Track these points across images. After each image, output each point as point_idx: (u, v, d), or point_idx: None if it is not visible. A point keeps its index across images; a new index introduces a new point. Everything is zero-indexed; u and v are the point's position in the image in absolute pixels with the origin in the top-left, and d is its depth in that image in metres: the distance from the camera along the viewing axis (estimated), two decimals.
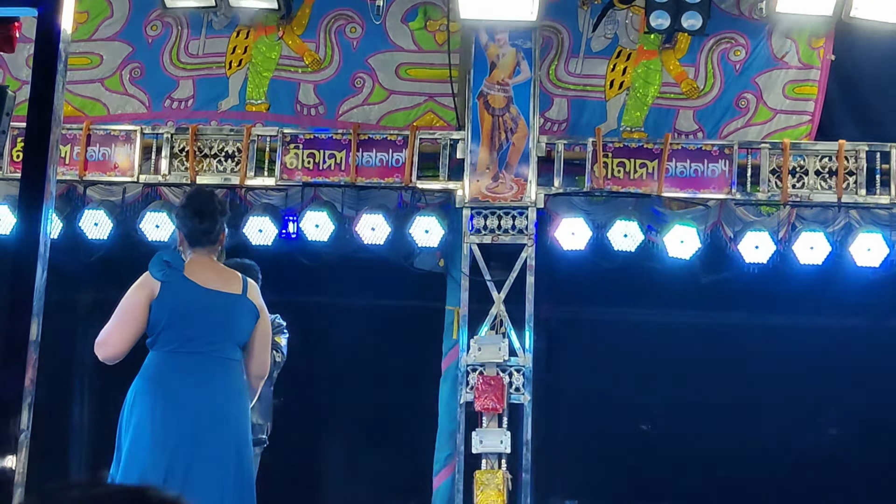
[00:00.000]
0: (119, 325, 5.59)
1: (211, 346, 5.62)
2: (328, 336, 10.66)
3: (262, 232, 9.82)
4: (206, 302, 5.63)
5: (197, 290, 5.63)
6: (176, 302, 5.59)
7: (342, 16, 10.41)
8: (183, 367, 5.58)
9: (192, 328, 5.59)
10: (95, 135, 10.08)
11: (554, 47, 10.20)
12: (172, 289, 5.60)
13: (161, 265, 5.62)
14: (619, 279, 10.04)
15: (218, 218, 5.73)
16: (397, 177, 9.89)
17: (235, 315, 5.70)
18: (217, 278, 5.71)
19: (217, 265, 5.79)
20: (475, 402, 9.44)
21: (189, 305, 5.61)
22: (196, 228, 5.68)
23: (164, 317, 5.57)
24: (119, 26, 10.58)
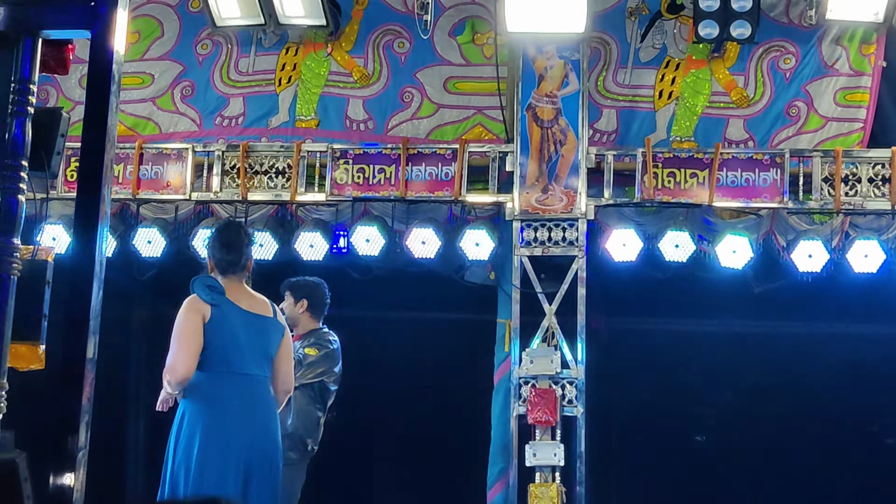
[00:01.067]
0: (186, 349, 5.88)
1: (253, 367, 6.01)
2: (380, 350, 10.66)
3: (313, 247, 9.85)
4: (249, 325, 6.03)
5: (241, 313, 6.04)
6: (224, 325, 5.95)
7: (390, 31, 10.44)
8: (234, 388, 5.92)
9: (238, 350, 5.97)
10: (148, 153, 10.17)
11: (602, 58, 10.18)
12: (221, 313, 5.98)
13: (207, 290, 6.00)
14: (671, 290, 9.99)
15: (244, 250, 6.19)
16: (447, 190, 9.90)
17: (269, 336, 6.11)
18: (252, 302, 6.13)
19: (248, 289, 6.17)
20: (528, 415, 9.42)
21: (235, 329, 5.99)
22: (224, 259, 6.13)
23: (216, 339, 5.92)
24: (170, 46, 10.68)
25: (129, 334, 11.57)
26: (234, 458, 5.82)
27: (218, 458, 5.82)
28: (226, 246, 6.16)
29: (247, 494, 5.78)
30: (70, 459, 3.09)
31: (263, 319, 6.12)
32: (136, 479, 11.35)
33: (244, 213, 10.10)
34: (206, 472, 5.79)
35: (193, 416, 5.90)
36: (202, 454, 5.83)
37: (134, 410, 11.43)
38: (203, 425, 5.86)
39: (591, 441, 9.51)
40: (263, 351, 6.06)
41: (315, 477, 8.08)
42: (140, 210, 10.23)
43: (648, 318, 10.65)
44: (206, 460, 5.82)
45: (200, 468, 5.81)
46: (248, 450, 5.85)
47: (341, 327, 10.85)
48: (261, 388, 6.00)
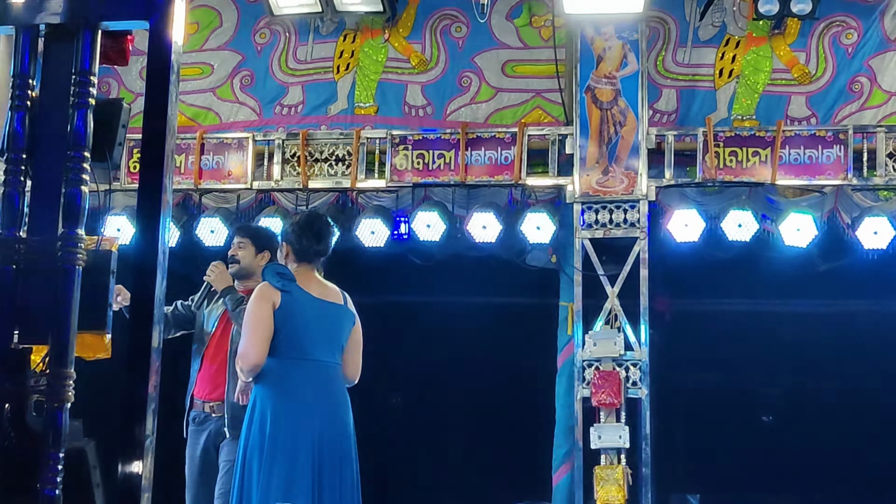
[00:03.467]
0: (257, 336, 5.94)
1: (324, 354, 6.06)
2: (443, 335, 10.69)
3: (374, 234, 9.88)
4: (320, 312, 6.09)
5: (312, 300, 6.09)
6: (295, 312, 6.01)
7: (447, 16, 10.44)
8: (305, 374, 5.97)
9: (309, 336, 6.03)
10: (209, 143, 10.25)
11: (661, 38, 10.12)
12: (292, 299, 6.03)
13: (277, 277, 6.06)
14: (734, 270, 9.92)
15: (331, 241, 6.35)
16: (507, 174, 9.89)
17: (340, 324, 6.17)
18: (323, 290, 6.20)
19: (319, 277, 6.24)
20: (592, 398, 9.40)
21: (306, 315, 6.04)
22: (312, 248, 6.20)
23: (286, 325, 5.98)
24: (228, 35, 10.74)
25: None
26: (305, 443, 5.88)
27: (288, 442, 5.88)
28: (316, 235, 6.23)
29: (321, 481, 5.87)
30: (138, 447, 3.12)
31: (335, 307, 6.18)
32: None
33: (305, 201, 10.15)
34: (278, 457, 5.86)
35: (264, 401, 5.96)
36: (273, 439, 5.89)
37: None
38: (273, 410, 5.93)
39: (656, 423, 9.48)
40: (334, 338, 6.12)
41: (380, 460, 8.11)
42: (202, 200, 10.31)
43: (712, 298, 10.59)
44: (276, 445, 5.88)
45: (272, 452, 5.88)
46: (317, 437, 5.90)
47: (404, 313, 10.91)
48: (331, 374, 6.06)
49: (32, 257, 3.27)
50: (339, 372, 6.12)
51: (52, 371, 3.21)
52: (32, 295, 3.25)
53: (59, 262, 3.24)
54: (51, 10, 3.29)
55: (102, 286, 3.40)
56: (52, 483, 3.18)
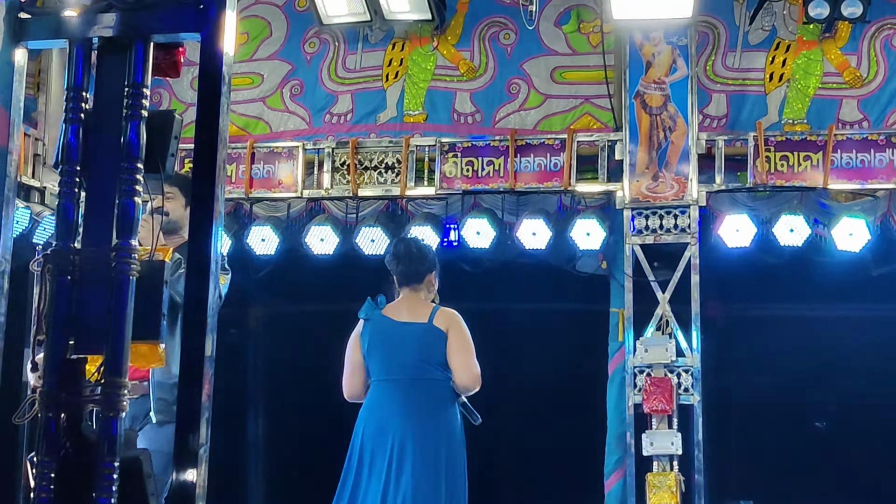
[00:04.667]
0: (345, 370, 6.52)
1: (408, 372, 6.36)
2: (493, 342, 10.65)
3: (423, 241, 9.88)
4: (397, 333, 6.41)
5: (390, 324, 6.44)
6: (373, 336, 6.42)
7: (496, 23, 10.44)
8: (389, 391, 6.36)
9: (388, 358, 6.38)
10: (259, 152, 10.31)
11: (710, 42, 10.07)
12: (371, 325, 6.45)
13: (366, 306, 6.51)
14: (786, 275, 9.85)
15: (413, 263, 6.59)
16: (556, 180, 9.87)
17: (425, 341, 6.39)
18: (408, 311, 6.49)
19: (416, 300, 6.54)
20: (644, 404, 9.36)
21: (383, 338, 6.41)
22: (395, 270, 6.60)
23: (369, 351, 6.42)
24: (278, 45, 10.80)
25: (246, 332, 11.74)
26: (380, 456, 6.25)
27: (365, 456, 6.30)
28: (395, 259, 6.61)
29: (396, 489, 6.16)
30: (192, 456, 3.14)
31: (416, 327, 6.42)
32: (257, 476, 11.52)
33: (355, 210, 10.18)
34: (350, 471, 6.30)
35: (357, 421, 6.40)
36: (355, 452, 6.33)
37: (253, 407, 11.60)
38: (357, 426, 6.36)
39: (708, 429, 9.42)
40: (421, 354, 6.36)
41: None
42: (253, 208, 10.36)
43: (764, 303, 10.52)
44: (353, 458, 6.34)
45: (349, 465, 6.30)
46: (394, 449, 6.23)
47: None
48: (417, 389, 6.34)
49: (87, 268, 3.30)
50: (431, 384, 6.37)
51: (106, 381, 3.24)
52: (87, 305, 3.28)
53: (113, 272, 3.27)
54: (104, 23, 3.32)
55: (155, 296, 3.43)
56: (108, 492, 3.21)
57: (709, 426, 9.44)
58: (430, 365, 6.36)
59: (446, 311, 6.55)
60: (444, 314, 6.51)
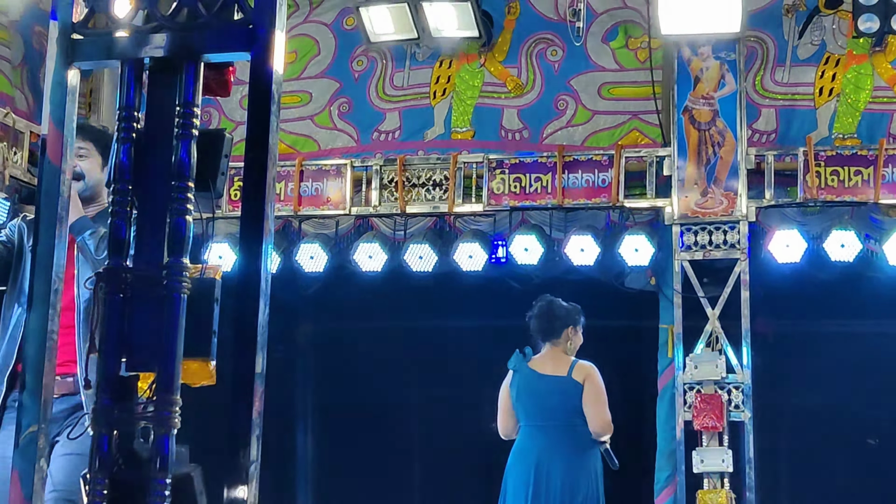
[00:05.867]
0: (500, 412, 7.33)
1: (551, 419, 7.11)
2: None
3: (472, 258, 9.90)
4: (538, 384, 7.16)
5: (535, 376, 7.18)
6: (520, 387, 7.19)
7: (543, 39, 10.45)
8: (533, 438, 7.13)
9: (534, 406, 7.13)
10: (308, 170, 10.36)
11: (759, 57, 10.03)
12: (518, 376, 7.23)
13: (515, 358, 7.26)
14: (837, 290, 9.77)
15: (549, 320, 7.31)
16: (604, 197, 9.86)
17: (563, 392, 7.11)
18: (550, 364, 7.22)
19: (556, 354, 7.26)
20: (694, 421, 9.31)
21: (529, 388, 7.17)
22: (534, 328, 7.34)
23: (515, 399, 7.20)
24: (326, 63, 10.86)
25: (295, 349, 11.78)
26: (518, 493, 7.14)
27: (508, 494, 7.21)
28: (535, 316, 7.35)
29: None
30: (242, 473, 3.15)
31: (556, 379, 7.14)
32: (306, 493, 11.54)
33: (403, 226, 10.21)
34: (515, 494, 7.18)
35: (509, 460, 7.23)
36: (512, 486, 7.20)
37: (302, 424, 11.63)
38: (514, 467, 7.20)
39: (759, 446, 9.36)
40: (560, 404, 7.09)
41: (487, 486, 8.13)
42: (302, 226, 10.41)
43: (815, 319, 10.43)
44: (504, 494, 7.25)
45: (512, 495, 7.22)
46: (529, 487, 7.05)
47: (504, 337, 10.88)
48: (562, 434, 7.09)
49: (139, 286, 3.32)
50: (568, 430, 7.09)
51: (158, 398, 3.26)
52: (139, 323, 3.30)
53: (165, 290, 3.28)
54: (155, 44, 3.35)
55: (207, 314, 3.45)
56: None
57: (759, 443, 9.37)
58: (569, 413, 7.07)
59: (583, 364, 7.24)
60: (580, 368, 7.21)
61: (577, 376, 7.18)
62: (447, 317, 10.79)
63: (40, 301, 3.34)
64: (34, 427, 3.25)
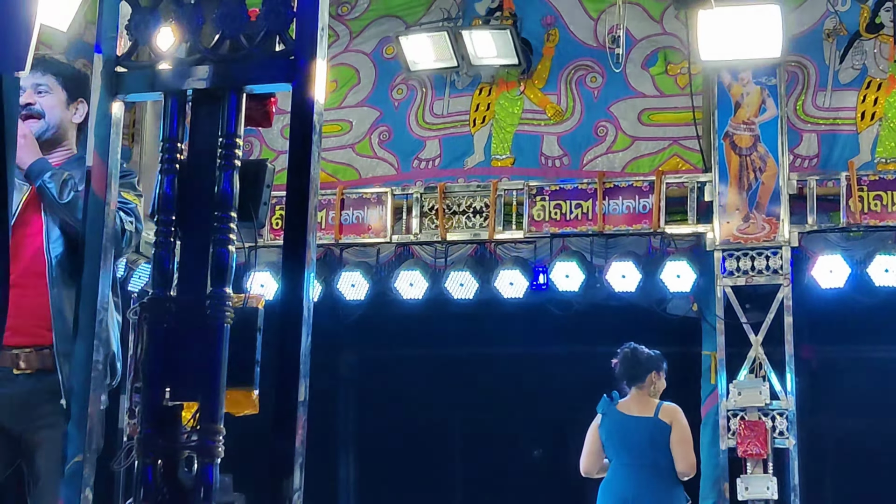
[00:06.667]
0: (586, 451, 7.59)
1: (640, 458, 7.37)
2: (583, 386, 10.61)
3: (513, 285, 9.90)
4: (627, 425, 7.42)
5: (624, 418, 7.44)
6: (608, 428, 7.46)
7: (582, 66, 10.46)
8: (622, 476, 7.39)
9: (623, 446, 7.40)
10: (349, 199, 10.40)
11: (800, 82, 9.99)
12: (606, 419, 7.49)
13: (603, 402, 7.52)
14: (882, 315, 9.68)
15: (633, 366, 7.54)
16: (645, 223, 9.83)
17: (650, 432, 7.37)
18: (637, 406, 7.48)
19: (642, 397, 7.51)
20: (738, 448, 9.25)
21: (618, 429, 7.44)
22: (619, 373, 7.58)
23: (605, 440, 7.47)
24: (366, 92, 10.91)
25: (337, 377, 11.80)
26: None
27: None
28: (619, 362, 7.58)
29: None
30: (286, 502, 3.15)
31: (644, 420, 7.40)
32: None
33: (444, 254, 10.22)
34: None
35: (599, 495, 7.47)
36: None
37: (344, 452, 11.64)
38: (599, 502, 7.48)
39: (804, 473, 9.28)
40: (646, 444, 7.35)
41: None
42: (343, 254, 10.45)
43: (859, 345, 10.34)
44: None
45: None
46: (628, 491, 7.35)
47: (544, 363, 10.88)
48: (650, 472, 7.34)
49: (182, 316, 3.34)
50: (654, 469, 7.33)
51: (202, 427, 3.27)
52: (183, 353, 3.32)
53: (208, 320, 3.30)
54: (198, 75, 3.37)
55: (250, 343, 3.46)
56: None
57: (804, 470, 9.30)
58: (656, 452, 7.33)
59: (669, 406, 7.51)
60: (666, 409, 7.49)
61: (664, 417, 7.45)
62: (488, 344, 10.79)
63: (85, 332, 3.35)
64: (79, 457, 3.27)
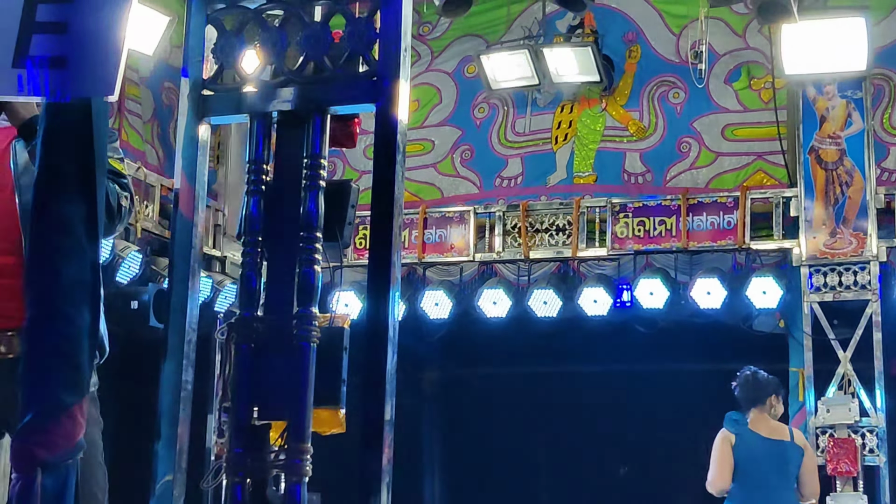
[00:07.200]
0: (716, 468, 7.53)
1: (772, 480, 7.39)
2: (670, 403, 10.55)
3: (596, 302, 9.86)
4: (762, 447, 7.42)
5: (757, 438, 7.44)
6: (744, 448, 7.43)
7: (665, 82, 10.41)
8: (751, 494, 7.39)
9: (754, 467, 7.40)
10: (431, 218, 10.44)
11: (886, 95, 9.86)
12: (741, 439, 7.46)
13: (732, 422, 7.54)
14: None
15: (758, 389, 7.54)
16: (730, 239, 9.76)
17: (786, 455, 7.41)
18: (767, 429, 7.49)
19: (767, 420, 7.53)
20: (827, 466, 9.12)
21: (752, 450, 7.42)
22: (740, 395, 7.59)
23: (739, 459, 7.44)
24: (448, 111, 10.95)
25: (421, 396, 11.82)
26: None
27: None
28: (739, 385, 7.61)
29: None
30: None
31: (781, 443, 7.44)
32: None
33: (527, 272, 10.21)
34: None
35: None
36: None
37: (429, 470, 11.65)
38: None
39: (895, 491, 9.13)
40: (781, 468, 7.39)
41: None
42: (426, 273, 10.48)
43: None
44: None
45: None
46: None
47: (629, 381, 10.81)
48: (776, 493, 7.39)
49: (269, 336, 3.37)
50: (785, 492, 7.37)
51: (290, 446, 3.29)
52: (270, 372, 3.34)
53: (295, 339, 3.32)
54: (282, 97, 3.41)
55: (336, 362, 3.48)
56: None
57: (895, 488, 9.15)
58: (787, 476, 7.40)
59: (799, 431, 7.76)
60: (799, 435, 7.68)
61: (798, 442, 7.56)
62: (572, 362, 10.76)
63: (174, 352, 3.39)
64: (170, 476, 3.30)
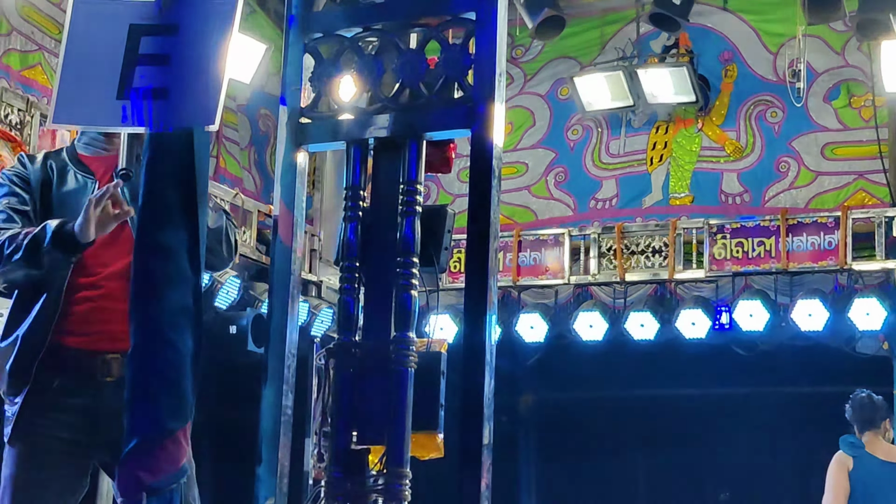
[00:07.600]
0: (833, 496, 7.51)
1: None
2: (772, 426, 10.42)
3: (694, 325, 9.77)
4: (884, 471, 7.41)
5: (878, 462, 7.45)
6: (864, 472, 7.43)
7: (762, 101, 10.31)
8: None
9: (877, 490, 7.39)
10: (526, 240, 10.42)
11: None
12: (859, 462, 7.45)
13: (849, 445, 7.53)
14: None
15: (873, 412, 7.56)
16: (831, 259, 9.61)
17: None
18: (886, 452, 7.51)
19: (883, 442, 7.55)
20: None
21: (873, 474, 7.42)
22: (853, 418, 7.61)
23: (858, 483, 7.43)
24: (541, 134, 10.95)
25: (517, 419, 11.79)
26: None
27: None
28: (853, 408, 7.62)
29: None
30: None
31: None
32: None
33: (623, 294, 10.14)
34: None
35: None
36: None
37: (526, 495, 11.60)
38: None
39: None
40: None
41: None
42: (521, 296, 10.46)
43: None
44: None
45: None
46: None
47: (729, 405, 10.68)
48: None
49: (367, 361, 3.39)
50: None
51: (388, 470, 3.30)
52: (368, 397, 3.36)
53: (393, 364, 3.34)
54: (379, 124, 3.43)
55: (434, 387, 3.49)
56: None
57: None
58: None
59: None
60: None
61: None
62: (671, 385, 10.65)
63: (274, 377, 3.42)
64: (271, 500, 3.32)
